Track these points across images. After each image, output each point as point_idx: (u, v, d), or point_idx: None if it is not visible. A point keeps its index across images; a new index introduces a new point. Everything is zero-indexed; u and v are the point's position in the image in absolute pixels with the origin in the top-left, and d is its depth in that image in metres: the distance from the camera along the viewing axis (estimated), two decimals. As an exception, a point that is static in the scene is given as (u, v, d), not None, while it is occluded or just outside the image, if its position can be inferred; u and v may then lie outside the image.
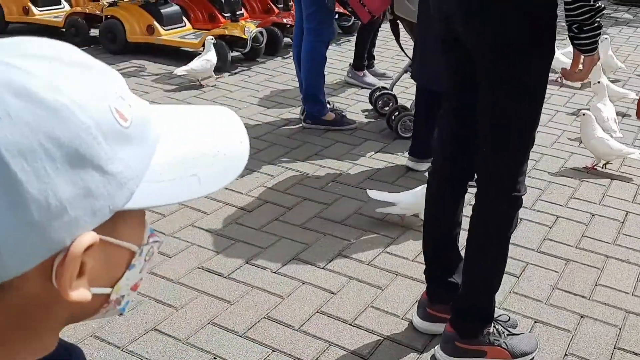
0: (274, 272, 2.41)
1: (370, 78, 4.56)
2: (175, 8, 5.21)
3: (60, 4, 5.77)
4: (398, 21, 3.63)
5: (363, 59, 4.59)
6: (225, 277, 2.37)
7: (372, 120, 4.00)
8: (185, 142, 0.58)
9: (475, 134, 1.87)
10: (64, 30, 5.34)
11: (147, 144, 0.53)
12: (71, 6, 5.72)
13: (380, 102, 4.02)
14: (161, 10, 5.08)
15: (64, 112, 0.46)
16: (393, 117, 3.73)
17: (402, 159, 3.42)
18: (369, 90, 4.22)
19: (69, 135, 0.46)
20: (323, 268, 2.46)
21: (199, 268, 2.42)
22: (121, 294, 0.56)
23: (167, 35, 5.01)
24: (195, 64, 4.33)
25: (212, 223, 2.73)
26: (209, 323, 2.13)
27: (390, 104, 3.96)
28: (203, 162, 0.57)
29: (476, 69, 1.80)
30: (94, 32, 5.25)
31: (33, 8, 5.59)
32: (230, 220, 2.77)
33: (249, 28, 4.80)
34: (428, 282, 2.15)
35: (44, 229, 0.46)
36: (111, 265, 0.54)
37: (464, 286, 1.99)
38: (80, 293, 0.50)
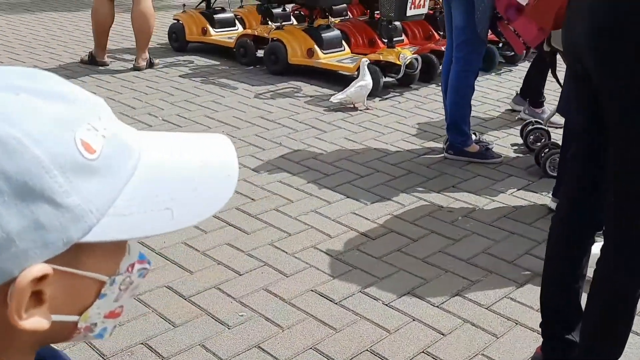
0: (386, 305, 2.36)
1: (547, 114, 4.12)
2: (335, 33, 5.35)
3: (235, 26, 6.17)
4: (556, 54, 3.42)
5: (541, 94, 4.27)
6: (335, 303, 2.36)
7: (521, 155, 3.80)
8: (166, 173, 0.57)
9: (606, 177, 1.70)
10: (234, 50, 5.71)
11: (118, 176, 0.53)
12: (245, 29, 6.10)
13: (531, 137, 3.80)
14: (322, 35, 5.24)
15: (14, 145, 0.47)
16: (542, 154, 3.51)
17: (545, 199, 3.20)
18: (521, 124, 4.01)
19: (18, 169, 0.47)
20: (437, 306, 2.36)
21: (312, 290, 2.44)
22: (92, 322, 0.57)
23: (325, 58, 5.15)
24: (350, 90, 4.40)
25: (334, 246, 2.74)
26: (311, 348, 2.13)
27: (542, 140, 3.73)
28: (181, 195, 0.56)
29: (606, 111, 1.63)
30: (260, 53, 5.54)
31: (210, 29, 6.03)
32: (352, 245, 2.76)
33: (404, 54, 4.79)
34: (544, 336, 1.98)
35: None
36: (76, 294, 0.54)
37: (580, 347, 1.81)
38: (34, 322, 0.51)
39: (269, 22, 5.66)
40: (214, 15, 6.10)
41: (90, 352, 2.05)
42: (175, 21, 6.21)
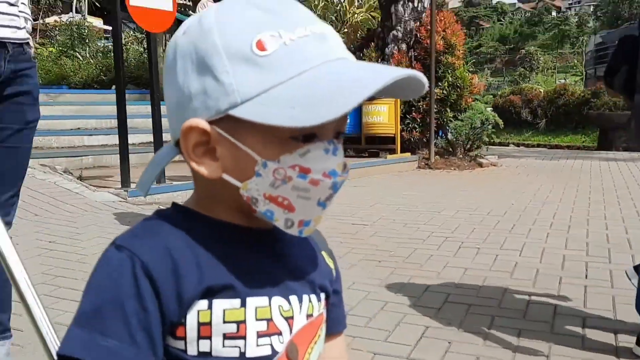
0: None
1: None
2: None
3: None
4: None
5: None
6: None
7: None
8: (320, 84, 0.64)
9: None
10: None
11: (277, 74, 0.65)
12: None
13: None
14: None
15: (207, 33, 0.68)
16: None
17: None
18: None
19: (203, 47, 0.68)
20: None
21: None
22: (252, 195, 0.69)
23: None
24: None
25: None
26: None
27: None
28: (309, 100, 0.63)
29: None
30: None
31: None
32: None
33: None
34: None
35: (181, 110, 0.70)
36: (238, 163, 0.69)
37: None
38: (206, 168, 0.70)
39: None
40: None
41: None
42: None
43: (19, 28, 1.88)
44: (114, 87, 11.40)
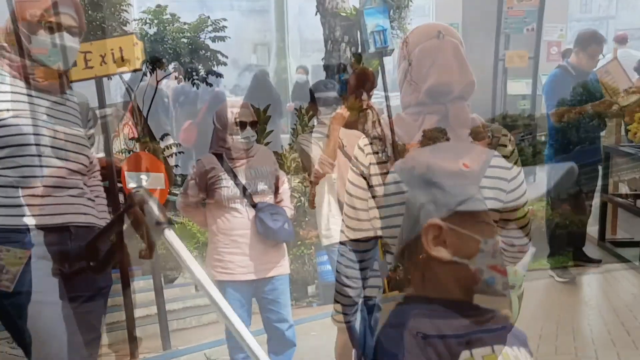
0: None
1: None
2: None
3: None
4: None
5: None
6: None
7: None
8: None
9: None
10: None
11: None
12: None
13: None
14: None
15: None
16: None
17: None
18: None
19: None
20: None
21: None
22: (478, 268, 0.96)
23: None
24: None
25: None
26: None
27: None
28: None
29: None
30: None
31: None
32: None
33: None
34: None
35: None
36: (465, 245, 0.97)
37: None
38: (439, 251, 0.97)
39: None
40: None
41: None
42: None
43: (84, 214, 2.02)
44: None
